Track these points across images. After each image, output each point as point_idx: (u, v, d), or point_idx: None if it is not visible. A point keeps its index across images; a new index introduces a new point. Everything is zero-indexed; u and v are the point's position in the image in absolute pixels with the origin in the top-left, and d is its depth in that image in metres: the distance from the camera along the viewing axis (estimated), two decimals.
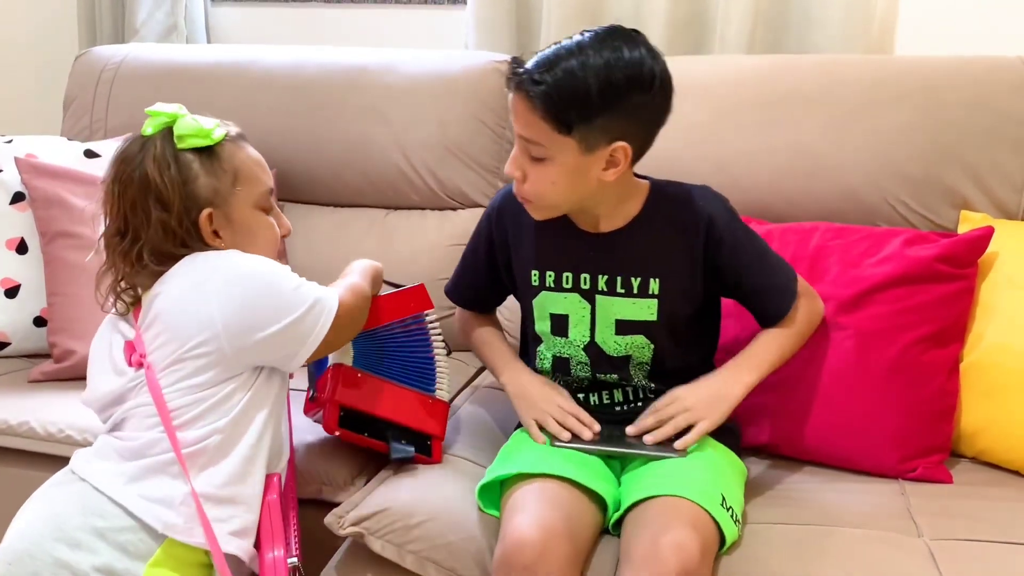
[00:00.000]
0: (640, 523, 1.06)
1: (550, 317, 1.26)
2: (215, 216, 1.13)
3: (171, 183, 1.10)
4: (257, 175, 1.17)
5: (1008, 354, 1.33)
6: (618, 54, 1.09)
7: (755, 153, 1.61)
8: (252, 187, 1.16)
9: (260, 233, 1.17)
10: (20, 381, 1.57)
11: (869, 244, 1.41)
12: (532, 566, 1.00)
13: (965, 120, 1.53)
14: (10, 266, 1.67)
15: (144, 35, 2.32)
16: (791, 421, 1.35)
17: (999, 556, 1.07)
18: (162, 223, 1.10)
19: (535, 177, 1.15)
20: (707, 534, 1.04)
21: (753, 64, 1.72)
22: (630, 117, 1.12)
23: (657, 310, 1.21)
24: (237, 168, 1.15)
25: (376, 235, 1.82)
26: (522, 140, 1.14)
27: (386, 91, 1.84)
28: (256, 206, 1.17)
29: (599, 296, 1.23)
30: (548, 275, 1.25)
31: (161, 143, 1.12)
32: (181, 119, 1.13)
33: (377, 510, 1.12)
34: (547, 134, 1.10)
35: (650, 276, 1.21)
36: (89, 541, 1.01)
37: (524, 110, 1.11)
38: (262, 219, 1.18)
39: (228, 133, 1.16)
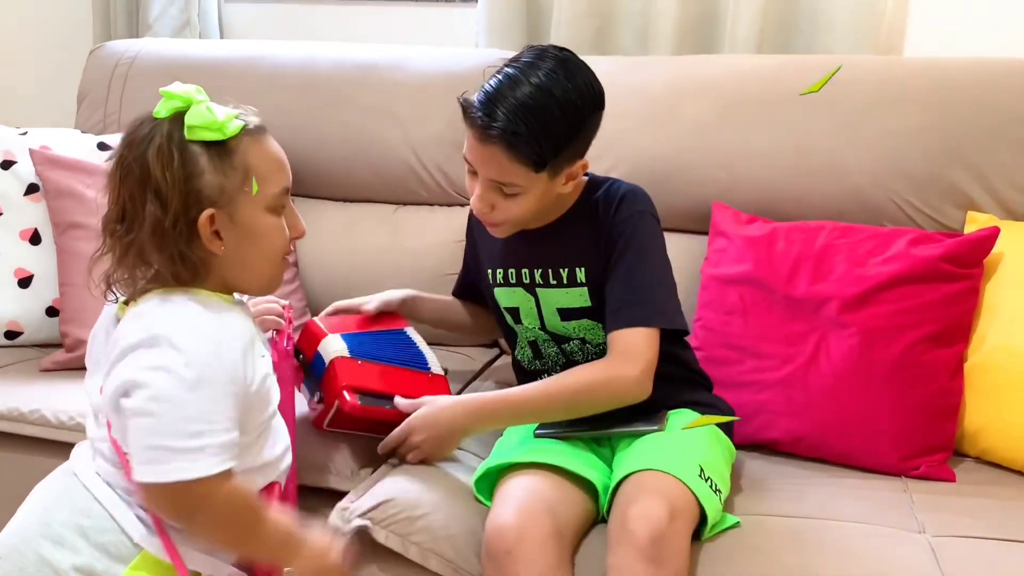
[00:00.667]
0: (615, 504, 1.09)
1: (507, 311, 1.33)
2: (218, 217, 1.01)
3: (172, 179, 0.99)
4: (271, 174, 1.05)
5: (1011, 355, 1.33)
6: (573, 83, 1.15)
7: (763, 152, 1.62)
8: (264, 188, 1.04)
9: (265, 238, 1.06)
10: (32, 370, 1.59)
11: (875, 244, 1.42)
12: (513, 550, 1.03)
13: (972, 121, 1.54)
14: (24, 256, 1.69)
15: (158, 30, 2.35)
16: (795, 418, 1.36)
17: (999, 553, 1.08)
18: (156, 222, 0.99)
19: (506, 208, 1.20)
20: (677, 499, 1.05)
21: (761, 64, 1.72)
22: (588, 136, 1.20)
23: (588, 295, 1.25)
24: (249, 166, 1.03)
25: (385, 230, 1.83)
26: (492, 182, 1.17)
27: (396, 88, 1.85)
28: (266, 208, 1.05)
29: (539, 289, 1.29)
30: (498, 272, 1.32)
31: (168, 131, 1.01)
32: (195, 106, 1.01)
33: (382, 500, 1.13)
34: (523, 175, 1.16)
35: (575, 266, 1.26)
36: (72, 539, 1.00)
37: (497, 157, 1.15)
38: (271, 222, 1.06)
39: (246, 125, 1.04)
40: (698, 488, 1.08)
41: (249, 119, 1.05)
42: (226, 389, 0.96)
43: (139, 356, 0.95)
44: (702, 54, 1.92)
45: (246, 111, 1.06)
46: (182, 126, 1.00)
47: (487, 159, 1.16)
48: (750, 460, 1.34)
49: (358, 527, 1.12)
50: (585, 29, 2.00)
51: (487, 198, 1.19)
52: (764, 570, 1.06)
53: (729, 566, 1.07)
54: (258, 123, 1.06)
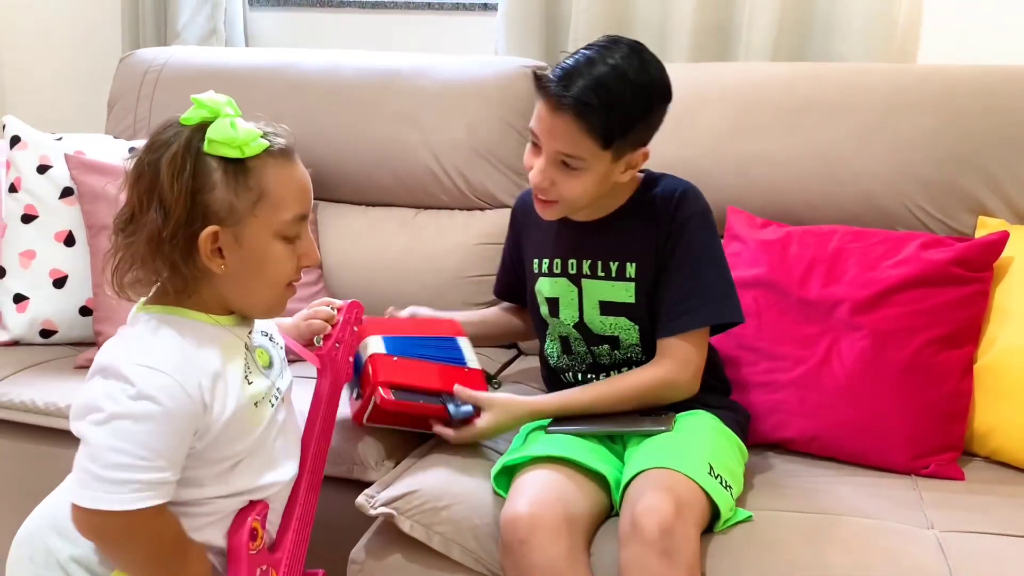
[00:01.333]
0: (625, 501, 1.12)
1: (546, 301, 1.36)
2: (222, 235, 0.99)
3: (179, 188, 0.96)
4: (287, 200, 1.01)
5: (1021, 357, 1.35)
6: (647, 69, 1.20)
7: (777, 158, 1.65)
8: (276, 214, 1.01)
9: (270, 264, 1.02)
10: (67, 367, 1.64)
11: (887, 247, 1.45)
12: (527, 539, 1.06)
13: (984, 128, 1.56)
14: (58, 257, 1.74)
15: (185, 38, 2.40)
16: (807, 418, 1.39)
17: (1007, 548, 1.10)
18: (155, 229, 0.97)
19: (566, 185, 1.22)
20: (681, 493, 1.08)
21: (777, 71, 1.76)
22: (653, 124, 1.23)
23: (635, 292, 1.28)
24: (264, 189, 0.99)
25: (406, 234, 1.87)
26: (558, 154, 1.20)
27: (418, 95, 1.90)
28: (276, 234, 1.02)
29: (584, 280, 1.31)
30: (543, 262, 1.35)
31: (188, 139, 0.98)
32: (220, 120, 0.99)
33: (407, 491, 1.17)
34: (589, 149, 1.19)
35: (626, 260, 1.29)
36: (73, 532, 1.01)
37: (566, 128, 1.17)
38: (278, 249, 1.02)
39: (270, 147, 1.00)
40: (707, 484, 1.11)
41: (276, 140, 1.01)
42: (176, 426, 0.95)
43: (96, 382, 0.97)
44: (718, 62, 1.95)
45: (276, 131, 1.03)
46: (203, 137, 0.98)
47: (557, 130, 1.18)
48: (764, 459, 1.37)
49: (383, 515, 1.15)
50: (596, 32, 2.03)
51: (549, 172, 1.21)
52: (775, 563, 1.09)
53: (741, 559, 1.10)
54: (285, 145, 1.02)
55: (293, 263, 1.05)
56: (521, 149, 1.87)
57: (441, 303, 1.80)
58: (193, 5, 2.39)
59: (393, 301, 1.81)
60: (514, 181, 1.87)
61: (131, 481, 0.93)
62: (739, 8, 1.94)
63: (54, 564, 1.04)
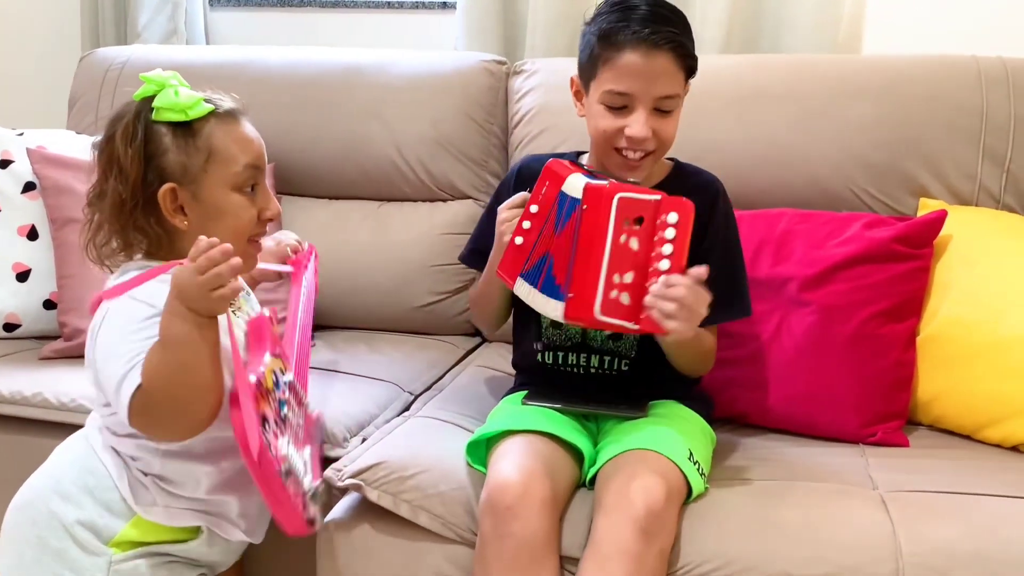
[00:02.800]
0: (612, 474, 1.15)
1: None
2: (180, 193, 1.08)
3: (133, 154, 1.07)
4: (234, 154, 1.10)
5: (961, 327, 1.42)
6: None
7: (729, 145, 1.70)
8: (226, 168, 1.10)
9: (230, 214, 1.11)
10: (31, 358, 1.65)
11: (832, 227, 1.51)
12: (514, 506, 1.09)
13: (923, 114, 1.64)
14: (21, 251, 1.75)
15: (146, 38, 2.40)
16: (759, 391, 1.44)
17: (945, 503, 1.16)
18: (116, 195, 1.08)
19: (664, 130, 1.24)
20: (672, 481, 1.13)
21: (727, 63, 1.82)
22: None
23: None
24: (213, 147, 1.09)
25: (370, 225, 1.90)
26: (658, 100, 1.22)
27: (381, 90, 1.92)
28: (230, 186, 1.11)
29: None
30: None
31: (137, 110, 1.09)
32: (165, 90, 1.09)
33: (374, 463, 1.20)
34: (681, 83, 1.25)
35: None
36: (78, 496, 1.09)
37: (667, 65, 1.21)
38: (235, 200, 1.11)
39: (215, 109, 1.10)
40: (687, 469, 1.15)
41: (220, 103, 1.12)
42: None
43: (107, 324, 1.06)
44: None
45: (221, 96, 1.13)
46: (152, 107, 1.09)
47: (657, 72, 1.20)
48: (721, 432, 1.41)
49: (350, 486, 1.19)
50: (560, 33, 2.08)
51: (651, 122, 1.22)
52: (728, 523, 1.14)
53: (696, 521, 1.15)
54: (230, 107, 1.13)
55: (252, 213, 1.13)
56: (482, 141, 1.93)
57: (407, 293, 1.85)
58: (154, 5, 2.40)
59: (359, 292, 1.86)
60: (476, 173, 1.90)
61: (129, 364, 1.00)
62: (691, 3, 1.99)
63: (58, 527, 1.08)
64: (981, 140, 1.62)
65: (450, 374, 1.65)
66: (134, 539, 1.10)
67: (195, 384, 0.99)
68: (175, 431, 1.04)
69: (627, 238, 1.11)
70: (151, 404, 0.99)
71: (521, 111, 1.87)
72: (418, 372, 1.65)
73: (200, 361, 0.98)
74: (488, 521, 1.11)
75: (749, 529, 1.13)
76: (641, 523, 1.06)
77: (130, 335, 1.02)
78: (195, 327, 0.98)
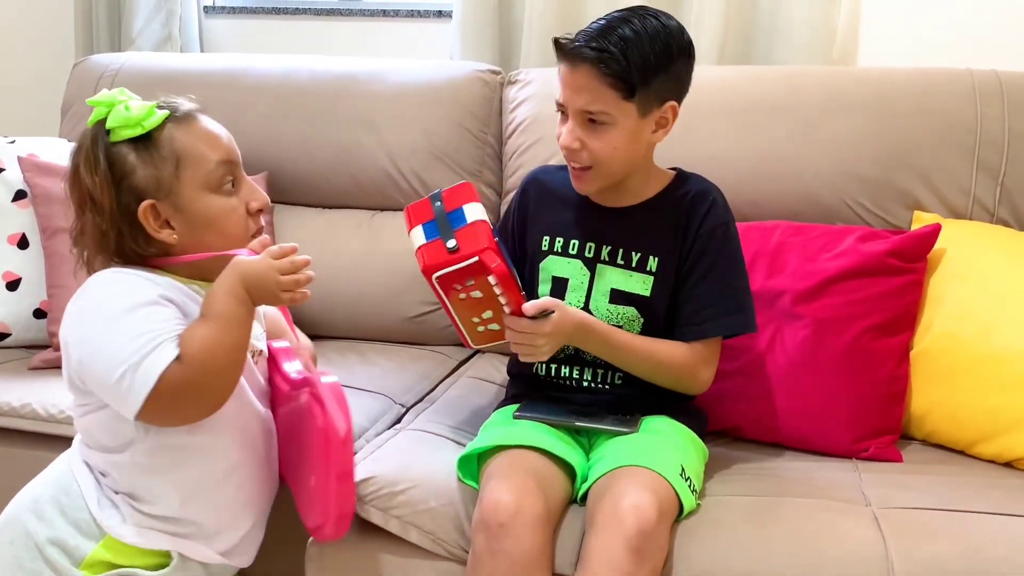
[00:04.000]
0: (604, 491, 1.13)
1: (552, 280, 1.34)
2: (161, 208, 1.04)
3: (100, 182, 1.02)
4: (202, 153, 1.06)
5: (955, 342, 1.42)
6: (662, 23, 1.23)
7: (722, 157, 1.70)
8: (199, 168, 1.05)
9: (217, 221, 1.07)
10: (21, 368, 1.64)
11: (826, 240, 1.51)
12: (507, 523, 1.08)
13: (917, 127, 1.64)
14: (11, 260, 1.74)
15: (140, 45, 2.40)
16: (752, 405, 1.44)
17: (938, 519, 1.15)
18: (96, 228, 1.04)
19: (596, 144, 1.22)
20: (664, 498, 1.12)
21: (721, 74, 1.82)
22: (677, 79, 1.25)
23: (652, 287, 1.29)
24: (179, 152, 1.04)
25: (363, 235, 1.90)
26: (583, 112, 1.21)
27: (374, 99, 1.92)
28: (206, 188, 1.06)
29: (600, 265, 1.31)
30: (557, 240, 1.34)
31: (93, 136, 1.04)
32: (115, 108, 1.03)
33: (364, 478, 1.20)
34: (612, 101, 1.20)
35: (650, 253, 1.29)
36: (51, 515, 1.07)
37: (588, 80, 1.19)
38: (217, 203, 1.07)
39: (171, 113, 1.05)
40: (679, 486, 1.15)
41: (176, 107, 1.07)
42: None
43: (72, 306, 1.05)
44: None
45: (176, 100, 1.08)
46: (107, 130, 1.04)
47: (578, 85, 1.20)
48: (714, 446, 1.41)
49: None
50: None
51: (576, 132, 1.22)
52: (720, 541, 1.13)
53: (688, 539, 1.14)
54: (187, 109, 1.08)
55: (240, 211, 1.09)
56: (476, 151, 1.93)
57: (399, 303, 1.84)
58: (148, 12, 2.40)
59: (351, 302, 1.85)
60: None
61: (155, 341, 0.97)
62: (685, 14, 1.99)
63: (31, 546, 1.07)
64: (975, 153, 1.62)
65: (442, 386, 1.64)
66: (105, 560, 1.07)
67: (238, 361, 1.03)
68: (203, 409, 1.02)
69: (466, 295, 1.19)
70: (190, 381, 0.98)
71: (516, 121, 1.87)
72: (410, 384, 1.64)
73: (245, 342, 1.04)
74: (481, 538, 1.10)
75: (741, 547, 1.12)
76: (632, 542, 1.05)
77: (139, 318, 0.99)
78: (248, 312, 1.03)
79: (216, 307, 1.01)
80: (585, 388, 1.33)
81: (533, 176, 1.44)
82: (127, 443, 1.05)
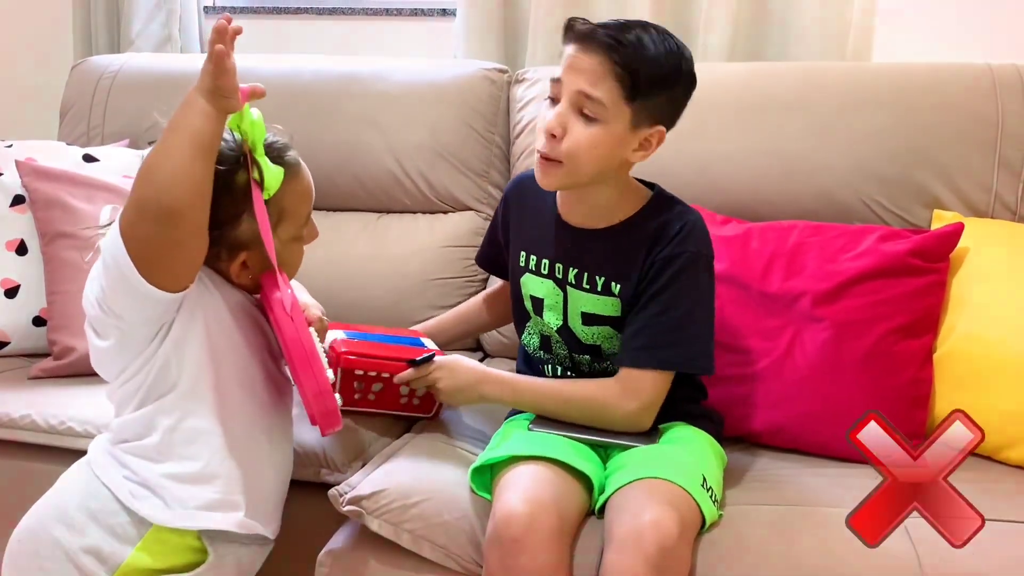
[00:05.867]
0: (622, 505, 1.10)
1: (530, 298, 1.33)
2: (248, 258, 1.07)
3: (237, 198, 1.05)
4: (300, 210, 1.10)
5: (978, 344, 1.38)
6: (678, 45, 1.20)
7: (736, 156, 1.67)
8: (294, 223, 1.10)
9: (288, 264, 1.12)
10: (20, 378, 1.60)
11: (845, 240, 1.47)
12: (521, 539, 1.04)
13: (937, 123, 1.60)
14: (10, 267, 1.70)
15: (139, 46, 2.36)
16: (771, 410, 1.40)
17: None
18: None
19: (578, 136, 1.17)
20: (686, 512, 1.08)
21: (734, 71, 1.78)
22: (674, 105, 1.22)
23: (621, 308, 1.26)
24: (283, 209, 1.08)
25: (368, 238, 1.86)
26: (580, 96, 1.16)
27: (379, 98, 1.89)
28: (294, 240, 1.12)
29: (569, 287, 1.29)
30: (531, 258, 1.33)
31: (247, 158, 1.05)
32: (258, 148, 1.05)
33: (375, 490, 1.16)
34: (613, 95, 1.15)
35: (612, 279, 1.25)
36: (82, 522, 1.04)
37: (596, 65, 1.15)
38: (294, 249, 1.13)
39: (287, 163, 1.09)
40: (701, 498, 1.11)
41: (286, 156, 1.09)
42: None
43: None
44: None
45: (281, 139, 1.10)
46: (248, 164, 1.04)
47: (584, 67, 1.15)
48: (732, 452, 1.37)
49: (350, 512, 1.14)
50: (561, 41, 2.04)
51: (563, 117, 1.17)
52: (745, 556, 1.10)
53: (711, 554, 1.10)
54: (294, 159, 1.10)
55: (302, 252, 1.16)
56: (483, 151, 1.89)
57: (405, 308, 1.80)
58: (147, 12, 2.36)
59: (356, 306, 1.81)
60: (477, 184, 1.86)
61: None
62: (696, 11, 1.96)
63: (61, 556, 1.03)
64: (997, 150, 1.58)
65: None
66: (141, 567, 1.04)
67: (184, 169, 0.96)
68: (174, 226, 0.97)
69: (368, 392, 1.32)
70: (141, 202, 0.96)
71: (523, 120, 1.83)
72: None
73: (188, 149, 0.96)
74: (495, 554, 1.07)
75: (767, 562, 1.08)
76: (653, 560, 1.01)
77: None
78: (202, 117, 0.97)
79: (171, 119, 0.99)
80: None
81: (515, 183, 1.42)
82: (152, 425, 1.06)
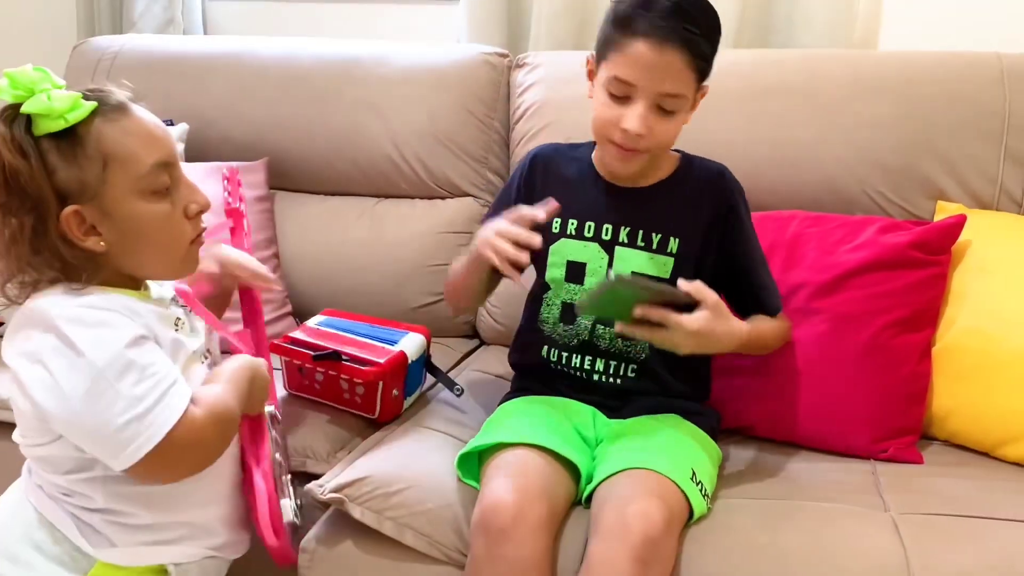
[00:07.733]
0: (609, 495, 1.08)
1: (567, 264, 1.28)
2: (86, 212, 0.92)
3: (36, 170, 0.90)
4: (135, 154, 0.93)
5: (979, 339, 1.35)
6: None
7: (738, 144, 1.64)
8: (128, 169, 0.93)
9: (149, 226, 0.95)
10: None
11: (845, 232, 1.45)
12: (508, 528, 1.03)
13: (942, 113, 1.57)
14: None
15: (142, 27, 2.36)
16: (768, 403, 1.38)
17: (961, 527, 1.10)
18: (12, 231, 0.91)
19: (661, 130, 1.17)
20: (673, 504, 1.06)
21: (738, 58, 1.75)
22: (714, 59, 1.20)
23: (672, 269, 1.24)
24: (107, 151, 0.92)
25: (366, 223, 1.85)
26: (661, 96, 1.15)
27: (378, 83, 1.87)
28: (138, 192, 0.94)
29: (619, 247, 1.26)
30: (571, 223, 1.28)
31: (9, 120, 0.92)
32: (35, 95, 0.91)
33: (357, 478, 1.14)
34: (689, 85, 1.16)
35: (671, 235, 1.25)
36: (27, 555, 0.96)
37: (671, 63, 1.13)
38: (152, 211, 0.95)
39: (99, 106, 0.92)
40: (689, 490, 1.09)
41: (107, 96, 0.94)
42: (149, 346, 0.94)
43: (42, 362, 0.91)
44: None
45: (106, 89, 0.96)
46: (27, 120, 0.91)
47: (662, 67, 1.13)
48: (726, 445, 1.36)
49: (332, 500, 1.13)
50: (566, 26, 2.02)
51: (648, 119, 1.15)
52: (734, 549, 1.08)
53: (700, 546, 1.08)
54: (118, 100, 0.95)
55: (177, 216, 0.98)
56: (482, 137, 1.87)
57: (402, 293, 1.79)
58: None
59: (353, 291, 1.80)
60: (475, 170, 1.85)
61: (152, 406, 0.90)
62: None
63: None
64: (1003, 141, 1.55)
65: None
66: None
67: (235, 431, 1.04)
68: (196, 467, 0.97)
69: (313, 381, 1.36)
70: (202, 437, 0.95)
71: (523, 106, 1.81)
72: None
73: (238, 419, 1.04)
74: (480, 542, 1.05)
75: (753, 555, 1.06)
76: (638, 551, 0.99)
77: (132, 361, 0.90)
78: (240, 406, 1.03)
79: (229, 376, 1.03)
80: (596, 382, 1.28)
81: (539, 152, 1.37)
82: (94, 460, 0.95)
